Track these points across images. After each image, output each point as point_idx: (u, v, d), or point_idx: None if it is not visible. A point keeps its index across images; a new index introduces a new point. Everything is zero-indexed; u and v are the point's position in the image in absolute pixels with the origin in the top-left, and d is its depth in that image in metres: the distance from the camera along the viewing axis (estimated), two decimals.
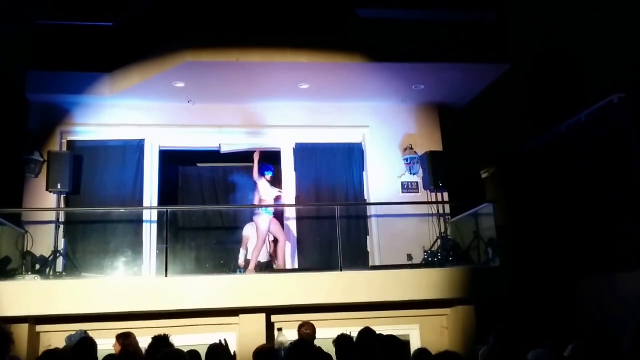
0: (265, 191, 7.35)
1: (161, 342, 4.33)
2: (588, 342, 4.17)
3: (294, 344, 4.29)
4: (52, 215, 7.43)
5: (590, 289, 7.56)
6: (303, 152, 8.25)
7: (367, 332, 4.04)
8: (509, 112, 9.19)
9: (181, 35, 7.10)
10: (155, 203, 7.80)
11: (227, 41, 7.12)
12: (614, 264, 7.19)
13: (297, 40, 7.17)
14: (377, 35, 7.31)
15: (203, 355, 4.42)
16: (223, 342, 2.74)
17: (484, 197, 8.19)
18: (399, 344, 3.70)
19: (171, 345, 4.25)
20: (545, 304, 8.13)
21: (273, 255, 7.64)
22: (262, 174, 7.37)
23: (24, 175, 7.56)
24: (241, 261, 7.42)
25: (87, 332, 5.26)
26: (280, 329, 3.43)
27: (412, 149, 8.18)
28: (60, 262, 7.24)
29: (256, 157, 7.38)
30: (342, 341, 4.33)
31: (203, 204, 8.53)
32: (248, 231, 7.58)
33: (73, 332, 5.38)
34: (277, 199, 7.47)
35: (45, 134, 7.77)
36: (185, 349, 4.15)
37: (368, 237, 8.09)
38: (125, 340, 4.84)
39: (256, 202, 7.40)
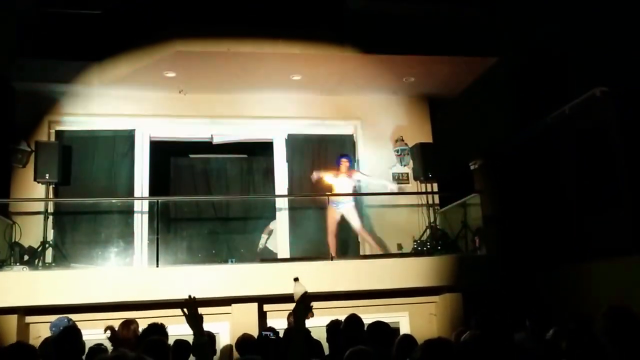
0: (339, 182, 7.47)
1: (156, 331, 4.36)
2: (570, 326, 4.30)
3: (285, 331, 4.36)
4: (40, 206, 7.35)
5: (570, 277, 7.73)
6: (295, 143, 8.29)
7: (352, 319, 4.11)
8: (497, 105, 9.32)
9: (171, 24, 7.05)
10: (146, 193, 7.77)
11: (218, 31, 7.09)
12: (592, 253, 7.36)
13: (289, 31, 7.17)
14: (368, 27, 7.37)
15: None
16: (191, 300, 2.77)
17: (472, 188, 8.30)
18: (387, 330, 3.76)
19: (166, 334, 4.28)
20: (529, 291, 8.29)
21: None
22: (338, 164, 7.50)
23: (11, 165, 7.47)
24: (262, 243, 7.73)
25: (71, 318, 5.16)
26: (296, 279, 3.44)
27: (402, 140, 8.28)
28: (49, 252, 7.19)
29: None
30: (333, 327, 4.40)
31: (195, 194, 8.52)
32: (274, 224, 7.90)
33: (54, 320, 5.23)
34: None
35: (32, 123, 7.66)
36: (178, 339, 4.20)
37: None
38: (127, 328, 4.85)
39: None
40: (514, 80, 9.58)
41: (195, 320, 2.67)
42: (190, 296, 2.70)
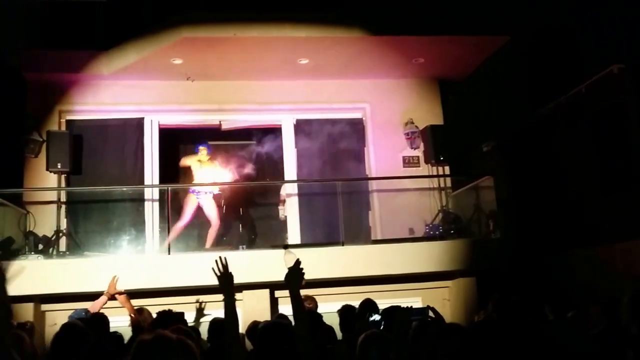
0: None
1: (166, 317, 4.39)
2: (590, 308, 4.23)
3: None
4: (53, 195, 7.42)
5: (586, 259, 7.61)
6: (304, 128, 8.23)
7: (367, 303, 4.08)
8: (510, 85, 9.13)
9: (177, 10, 7.01)
10: (156, 181, 7.81)
11: (224, 16, 7.05)
12: (609, 235, 7.22)
13: (295, 15, 7.10)
14: (376, 8, 7.23)
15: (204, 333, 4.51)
16: (223, 260, 2.77)
17: (484, 170, 8.18)
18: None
19: (175, 318, 4.30)
20: (544, 275, 8.20)
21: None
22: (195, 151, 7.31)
23: (24, 156, 7.54)
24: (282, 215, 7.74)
25: (88, 310, 5.26)
26: (286, 246, 3.31)
27: (412, 123, 8.17)
28: (63, 241, 7.27)
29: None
30: (346, 311, 4.38)
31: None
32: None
33: (73, 311, 5.34)
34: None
35: (43, 113, 7.72)
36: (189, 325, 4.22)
37: (370, 211, 8.12)
38: (140, 315, 4.90)
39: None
40: (527, 59, 9.35)
41: (226, 281, 2.70)
42: (221, 257, 2.70)
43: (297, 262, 2.72)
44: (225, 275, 2.71)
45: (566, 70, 8.48)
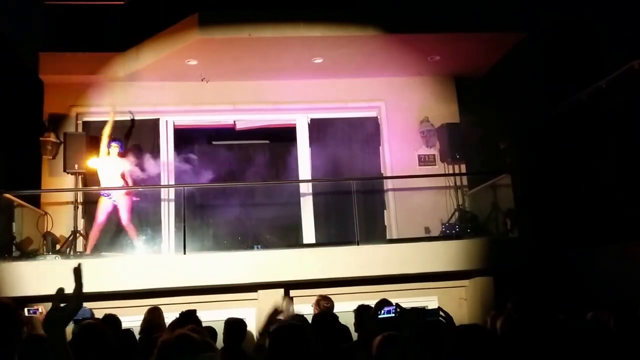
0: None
1: (188, 318, 4.38)
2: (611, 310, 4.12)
3: (315, 317, 4.32)
4: (70, 196, 7.51)
5: (607, 258, 7.45)
6: (318, 127, 8.21)
7: (383, 303, 4.02)
8: (528, 82, 9.00)
9: (192, 12, 7.04)
10: (171, 181, 7.85)
11: (238, 17, 7.07)
12: (627, 233, 7.06)
13: (309, 14, 7.10)
14: (390, 6, 7.18)
15: (220, 331, 4.49)
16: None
17: (502, 168, 8.06)
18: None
19: (198, 321, 4.29)
20: (562, 274, 8.05)
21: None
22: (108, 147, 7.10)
23: (41, 157, 7.65)
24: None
25: (90, 309, 5.18)
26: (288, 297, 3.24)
27: (428, 121, 8.10)
28: (80, 241, 7.34)
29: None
30: (361, 311, 4.34)
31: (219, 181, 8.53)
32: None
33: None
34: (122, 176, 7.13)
35: (60, 115, 7.82)
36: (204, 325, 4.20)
37: (385, 210, 8.06)
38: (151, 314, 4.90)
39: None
40: (545, 55, 9.20)
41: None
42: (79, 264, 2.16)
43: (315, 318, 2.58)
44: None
45: (585, 66, 8.33)
